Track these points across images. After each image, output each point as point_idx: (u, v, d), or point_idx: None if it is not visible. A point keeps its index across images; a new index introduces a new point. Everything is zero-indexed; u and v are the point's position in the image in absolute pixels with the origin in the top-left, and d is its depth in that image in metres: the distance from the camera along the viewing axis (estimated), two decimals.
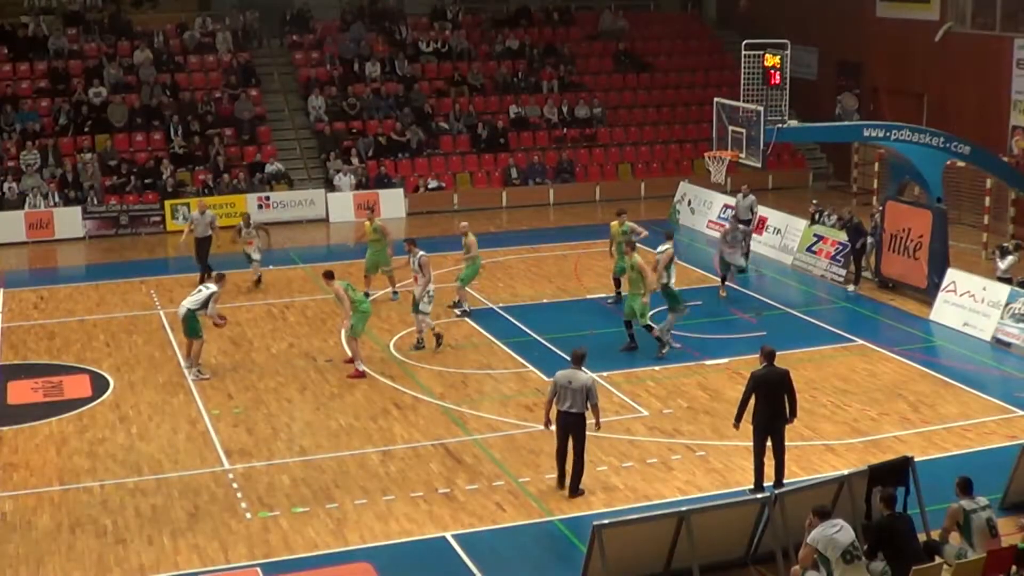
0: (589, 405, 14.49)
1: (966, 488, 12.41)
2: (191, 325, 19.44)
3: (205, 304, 19.42)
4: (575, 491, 14.84)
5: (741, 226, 24.59)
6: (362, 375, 19.32)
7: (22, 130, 32.11)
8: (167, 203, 30.89)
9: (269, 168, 32.71)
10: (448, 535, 14.01)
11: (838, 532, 11.41)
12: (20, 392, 19.13)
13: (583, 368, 14.81)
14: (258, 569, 13.25)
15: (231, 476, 15.72)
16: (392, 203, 32.44)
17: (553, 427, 14.95)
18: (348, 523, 14.33)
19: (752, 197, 26.86)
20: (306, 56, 36.73)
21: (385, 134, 34.29)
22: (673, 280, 20.97)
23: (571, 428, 14.60)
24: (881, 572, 11.88)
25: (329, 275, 19.50)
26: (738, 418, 14.75)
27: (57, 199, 30.57)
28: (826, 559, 11.34)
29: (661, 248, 21.16)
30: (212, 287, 19.72)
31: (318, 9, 38.18)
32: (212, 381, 19.26)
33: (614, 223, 22.88)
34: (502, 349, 20.80)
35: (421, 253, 20.51)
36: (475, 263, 22.69)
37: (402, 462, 16.09)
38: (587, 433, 14.76)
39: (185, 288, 24.89)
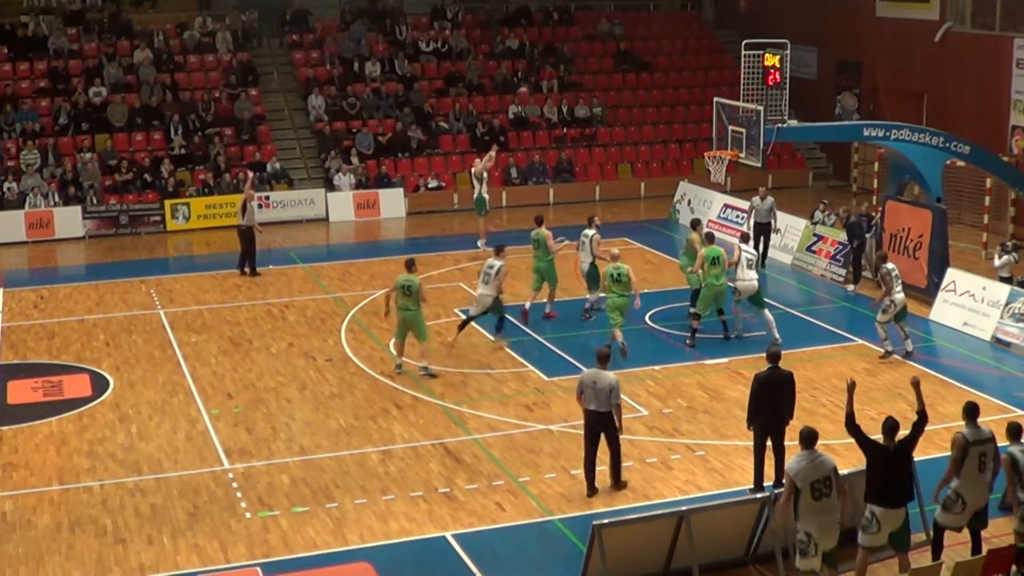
0: (612, 405, 14.52)
1: (972, 415, 12.64)
2: (498, 304, 20.40)
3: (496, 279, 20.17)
4: (617, 484, 14.97)
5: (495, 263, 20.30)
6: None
7: (22, 130, 32.12)
8: (167, 203, 30.89)
9: (269, 168, 32.71)
10: (448, 535, 14.00)
11: (811, 463, 11.63)
12: (20, 392, 19.11)
13: (607, 368, 14.72)
14: (258, 569, 13.25)
15: (231, 476, 15.72)
16: (392, 203, 32.49)
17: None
18: (348, 523, 14.33)
19: (771, 199, 25.94)
20: (306, 56, 36.71)
21: (385, 133, 34.30)
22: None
23: (599, 426, 14.63)
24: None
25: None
26: (749, 420, 14.83)
27: (57, 199, 30.54)
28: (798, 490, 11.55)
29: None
30: (497, 262, 20.16)
31: (318, 9, 38.16)
32: (212, 381, 19.26)
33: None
34: (502, 349, 20.78)
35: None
36: None
37: (402, 462, 16.08)
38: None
39: (185, 287, 24.99)
